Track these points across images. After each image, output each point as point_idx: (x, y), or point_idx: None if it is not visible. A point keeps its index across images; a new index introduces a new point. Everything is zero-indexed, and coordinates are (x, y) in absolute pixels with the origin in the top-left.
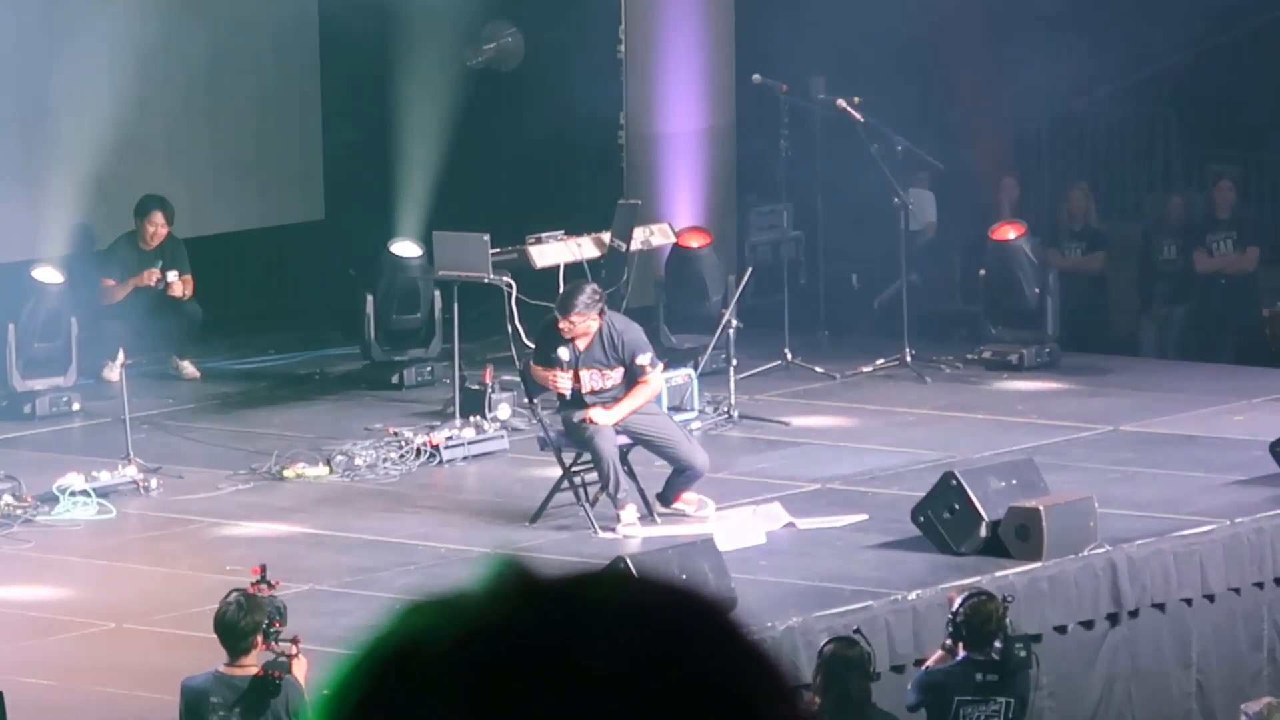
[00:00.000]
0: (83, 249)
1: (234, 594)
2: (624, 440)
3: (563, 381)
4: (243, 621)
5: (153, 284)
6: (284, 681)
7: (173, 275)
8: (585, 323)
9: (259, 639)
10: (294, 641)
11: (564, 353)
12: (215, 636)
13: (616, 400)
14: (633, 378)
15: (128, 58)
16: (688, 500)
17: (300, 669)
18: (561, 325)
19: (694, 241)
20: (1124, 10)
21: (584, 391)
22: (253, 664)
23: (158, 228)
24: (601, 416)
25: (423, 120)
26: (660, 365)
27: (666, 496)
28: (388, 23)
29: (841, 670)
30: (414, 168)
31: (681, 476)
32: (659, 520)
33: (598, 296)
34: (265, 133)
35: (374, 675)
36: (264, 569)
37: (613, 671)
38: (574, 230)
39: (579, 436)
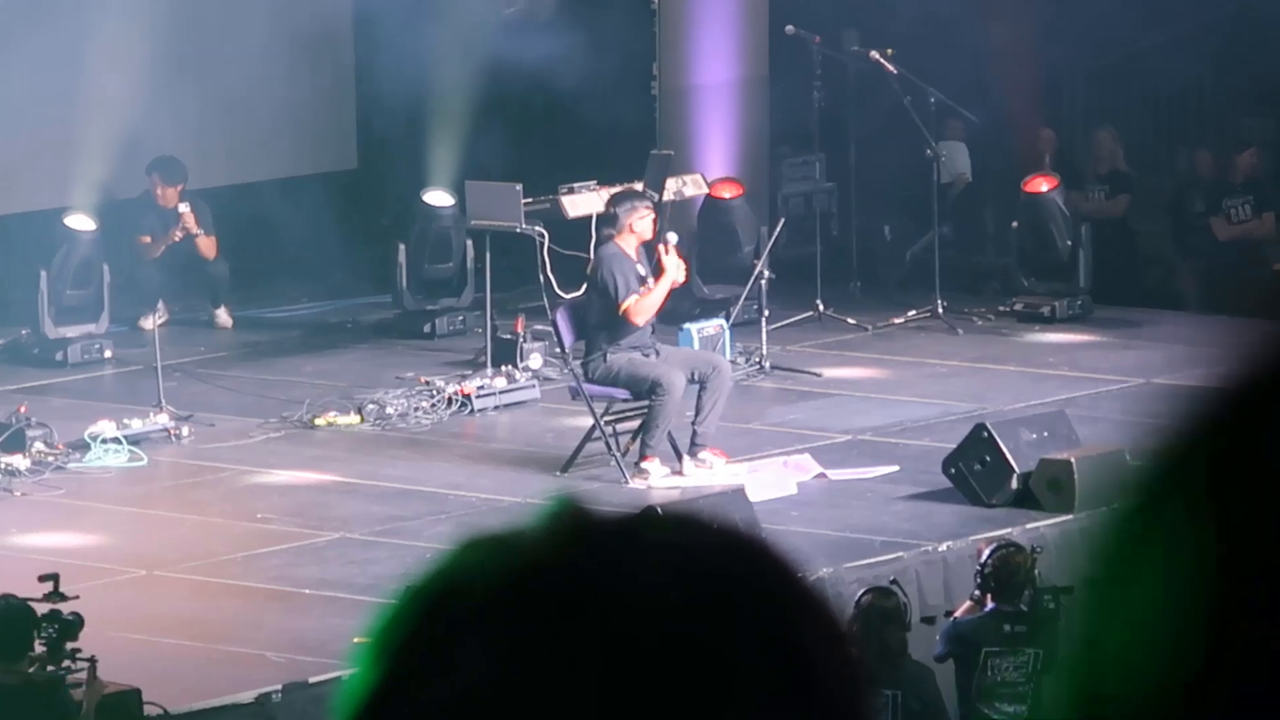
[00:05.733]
0: (112, 197)
1: (3, 598)
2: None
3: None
4: (9, 629)
5: (178, 239)
6: (57, 698)
7: (184, 207)
8: None
9: (35, 648)
10: (91, 662)
11: (641, 269)
12: (230, 586)
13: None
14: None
15: (160, 6)
16: (715, 453)
17: (93, 694)
18: (652, 218)
19: (726, 192)
20: None
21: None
22: (21, 672)
23: (165, 189)
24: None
25: (456, 69)
26: None
27: (694, 446)
28: None
29: (878, 621)
30: (447, 117)
31: (707, 393)
32: (686, 474)
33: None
34: (298, 82)
35: (421, 611)
36: (57, 580)
37: (663, 612)
38: (606, 181)
39: (644, 373)
